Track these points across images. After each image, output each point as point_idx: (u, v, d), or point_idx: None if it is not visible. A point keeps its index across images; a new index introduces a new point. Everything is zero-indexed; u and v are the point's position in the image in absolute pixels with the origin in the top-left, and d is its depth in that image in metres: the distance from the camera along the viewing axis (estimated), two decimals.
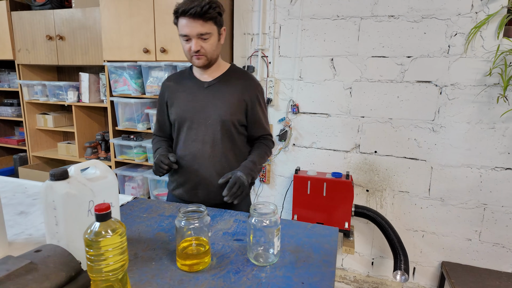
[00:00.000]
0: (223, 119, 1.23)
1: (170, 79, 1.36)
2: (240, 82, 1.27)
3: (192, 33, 1.13)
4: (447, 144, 1.96)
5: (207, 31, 1.13)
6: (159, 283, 0.74)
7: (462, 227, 2.01)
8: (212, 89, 1.26)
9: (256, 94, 1.29)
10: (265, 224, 0.80)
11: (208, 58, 1.20)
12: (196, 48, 1.15)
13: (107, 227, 0.57)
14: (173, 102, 1.31)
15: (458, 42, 1.85)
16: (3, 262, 0.63)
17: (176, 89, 1.31)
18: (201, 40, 1.15)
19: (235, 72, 1.31)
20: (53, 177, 0.73)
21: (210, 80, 1.27)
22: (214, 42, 1.18)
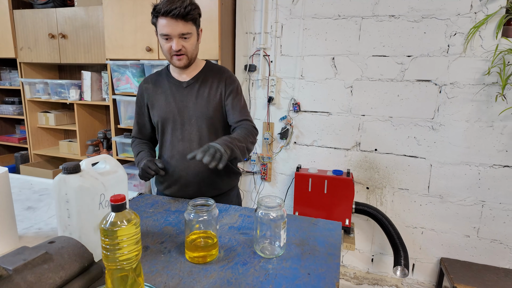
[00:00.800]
0: (206, 116, 1.26)
1: (147, 81, 1.35)
2: (216, 78, 1.29)
3: (173, 33, 1.14)
4: (446, 142, 1.99)
5: (188, 31, 1.16)
6: (169, 274, 0.76)
7: (460, 224, 2.04)
8: (191, 88, 1.28)
9: (230, 85, 1.30)
10: (271, 217, 0.82)
11: (189, 57, 1.21)
12: (177, 48, 1.16)
13: (123, 218, 0.59)
14: (153, 104, 1.31)
15: (458, 41, 1.87)
16: (20, 252, 0.65)
17: (155, 91, 1.31)
18: (182, 39, 1.17)
19: (211, 69, 1.32)
20: (66, 171, 0.75)
21: (189, 79, 1.29)
22: (194, 42, 1.21)
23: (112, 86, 2.36)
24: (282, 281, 0.75)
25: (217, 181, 1.32)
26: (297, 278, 0.76)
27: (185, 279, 0.74)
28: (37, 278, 0.61)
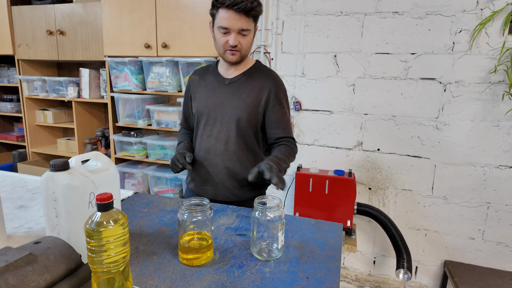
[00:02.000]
0: (239, 117, 1.19)
1: (196, 73, 1.34)
2: (260, 80, 1.22)
3: (233, 27, 1.08)
4: (451, 142, 1.94)
5: (248, 27, 1.10)
6: (161, 277, 0.72)
7: (465, 226, 1.99)
8: (232, 86, 1.23)
9: (276, 92, 1.21)
10: (269, 218, 0.78)
11: (242, 54, 1.16)
12: (234, 43, 1.11)
13: (109, 217, 0.55)
14: (195, 96, 1.29)
15: (463, 39, 1.83)
16: (2, 253, 0.62)
17: (199, 84, 1.29)
18: (240, 35, 1.11)
19: (258, 69, 1.25)
20: (53, 168, 0.72)
21: (232, 77, 1.24)
22: (250, 40, 1.16)
23: (110, 83, 2.33)
24: (279, 285, 0.71)
25: (237, 187, 1.25)
26: (295, 282, 0.72)
27: (178, 282, 0.70)
28: (19, 280, 0.58)
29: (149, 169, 2.35)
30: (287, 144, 1.23)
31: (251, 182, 1.23)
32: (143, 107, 2.32)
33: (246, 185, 1.26)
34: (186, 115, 1.39)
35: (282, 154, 1.16)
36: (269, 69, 1.28)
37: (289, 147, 1.22)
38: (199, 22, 2.00)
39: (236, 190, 1.25)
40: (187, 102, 1.36)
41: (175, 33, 2.07)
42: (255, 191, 1.29)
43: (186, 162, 1.18)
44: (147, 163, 2.48)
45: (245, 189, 1.26)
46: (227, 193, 1.25)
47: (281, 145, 1.23)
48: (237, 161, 1.22)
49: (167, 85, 2.15)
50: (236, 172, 1.23)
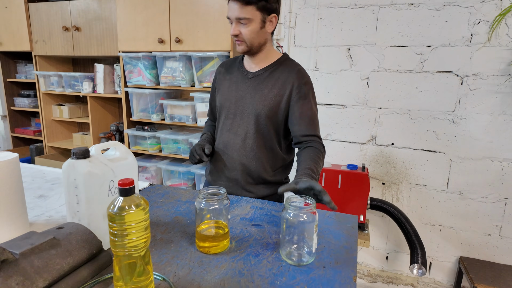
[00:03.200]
0: (258, 113, 1.16)
1: (222, 65, 1.33)
2: (284, 75, 1.17)
3: (232, 16, 1.10)
4: (467, 136, 1.90)
5: (245, 16, 1.08)
6: (179, 264, 0.73)
7: (481, 222, 1.95)
8: (255, 80, 1.20)
9: (299, 86, 1.15)
10: (302, 219, 0.73)
11: (248, 45, 1.13)
12: (233, 32, 1.11)
13: (131, 202, 0.56)
14: (219, 89, 1.29)
15: (482, 30, 1.78)
16: (27, 237, 0.64)
17: (224, 76, 1.29)
18: (240, 24, 1.11)
19: (283, 63, 1.20)
20: (75, 156, 0.73)
21: (256, 70, 1.21)
22: (255, 29, 1.11)
23: (125, 78, 2.36)
24: (296, 274, 0.71)
25: (251, 184, 1.24)
26: (311, 271, 0.72)
27: (195, 269, 0.71)
28: (44, 263, 0.60)
29: (162, 163, 2.38)
30: (315, 147, 1.13)
31: (266, 181, 1.24)
32: (157, 102, 2.34)
33: (261, 183, 1.24)
34: (212, 107, 1.38)
35: (313, 163, 1.05)
36: (295, 63, 1.22)
37: (318, 151, 1.12)
38: (212, 17, 2.01)
39: (250, 187, 1.24)
40: (213, 94, 1.35)
41: (188, 27, 2.08)
42: (270, 189, 1.27)
43: (203, 154, 1.18)
44: (161, 157, 2.51)
45: (260, 186, 1.24)
46: (241, 189, 1.24)
47: (308, 149, 1.12)
48: (254, 158, 1.20)
49: (180, 79, 2.16)
50: (251, 169, 1.21)
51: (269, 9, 1.11)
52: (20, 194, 0.82)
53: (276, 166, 1.26)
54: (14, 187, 0.80)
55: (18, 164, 0.81)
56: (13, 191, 0.79)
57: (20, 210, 0.82)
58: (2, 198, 0.77)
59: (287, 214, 0.75)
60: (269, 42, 1.20)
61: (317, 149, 1.12)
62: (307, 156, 1.09)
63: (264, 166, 1.21)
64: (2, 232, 0.78)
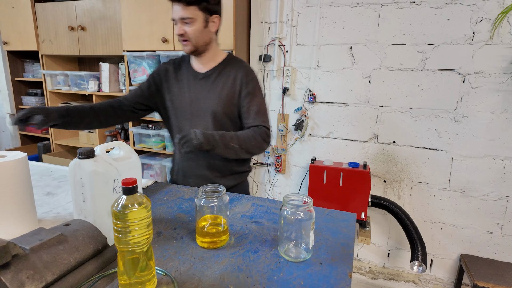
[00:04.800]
0: (215, 111, 1.23)
1: (169, 63, 1.35)
2: (232, 73, 1.25)
3: (175, 16, 1.15)
4: (469, 134, 1.90)
5: (188, 15, 1.13)
6: (181, 259, 0.76)
7: (483, 220, 1.96)
8: (207, 80, 1.26)
9: (247, 83, 1.24)
10: (299, 217, 0.76)
11: (193, 44, 1.19)
12: (178, 32, 1.17)
13: (134, 201, 0.59)
14: (169, 89, 1.31)
15: (484, 28, 1.78)
16: (36, 233, 0.67)
17: (173, 76, 1.31)
18: (184, 24, 1.16)
19: (230, 62, 1.28)
20: (80, 155, 0.77)
21: (205, 71, 1.27)
22: (199, 28, 1.17)
23: (129, 77, 2.39)
24: (293, 270, 0.73)
25: (219, 177, 1.31)
26: (308, 267, 0.75)
27: (196, 264, 0.74)
28: (53, 258, 0.63)
29: (166, 160, 2.41)
30: (253, 130, 1.20)
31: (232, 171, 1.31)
32: None
33: (228, 175, 1.32)
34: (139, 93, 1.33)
35: (237, 134, 1.16)
36: (241, 61, 1.30)
37: (252, 131, 1.20)
38: None
39: (219, 180, 1.30)
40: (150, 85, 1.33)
41: None
42: (237, 179, 1.35)
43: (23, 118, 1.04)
44: (165, 154, 2.54)
45: (228, 178, 1.32)
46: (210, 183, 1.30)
47: (248, 129, 1.22)
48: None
49: None
50: (217, 164, 1.28)
51: (211, 10, 1.18)
52: (29, 192, 0.85)
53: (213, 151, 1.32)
54: (23, 186, 0.83)
55: (27, 163, 0.85)
56: (23, 190, 0.83)
57: (29, 208, 0.86)
58: (12, 196, 0.80)
59: (285, 212, 0.77)
60: (214, 42, 1.26)
61: (254, 131, 1.20)
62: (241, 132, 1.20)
63: (228, 159, 1.26)
64: (13, 229, 0.82)
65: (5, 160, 0.79)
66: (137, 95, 1.35)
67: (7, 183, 0.79)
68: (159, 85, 1.34)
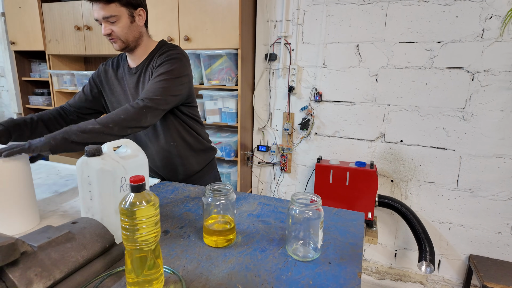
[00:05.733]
0: None
1: (108, 64, 1.33)
2: (156, 61, 1.18)
3: (98, 17, 1.10)
4: (478, 133, 1.88)
5: (111, 13, 1.08)
6: (188, 258, 0.76)
7: (492, 220, 1.93)
8: (139, 74, 1.23)
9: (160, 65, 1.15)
10: (307, 215, 0.75)
11: (123, 41, 1.14)
12: (105, 32, 1.11)
13: (142, 198, 0.59)
14: (112, 90, 1.30)
15: (494, 25, 1.75)
16: (44, 231, 0.67)
17: (114, 76, 1.30)
18: (109, 23, 1.11)
19: (158, 51, 1.21)
20: (88, 153, 0.76)
21: (137, 65, 1.24)
22: (125, 25, 1.12)
23: None
24: (302, 269, 0.73)
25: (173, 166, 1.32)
26: (317, 266, 0.74)
27: (204, 263, 0.73)
28: (61, 255, 0.63)
29: None
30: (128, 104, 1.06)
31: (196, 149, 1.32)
32: None
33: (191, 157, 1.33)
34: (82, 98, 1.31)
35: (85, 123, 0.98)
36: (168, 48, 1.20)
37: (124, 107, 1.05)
38: (220, 14, 2.02)
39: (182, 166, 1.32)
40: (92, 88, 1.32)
41: (197, 26, 2.10)
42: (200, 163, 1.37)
43: None
44: None
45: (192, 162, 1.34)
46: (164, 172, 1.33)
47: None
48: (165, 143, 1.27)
49: None
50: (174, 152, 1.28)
51: (134, 4, 1.12)
52: (30, 190, 0.86)
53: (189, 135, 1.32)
54: (25, 183, 0.83)
55: (27, 160, 0.85)
56: (24, 187, 0.83)
57: (31, 205, 0.86)
58: (14, 194, 0.81)
59: (293, 211, 0.76)
60: (145, 35, 1.21)
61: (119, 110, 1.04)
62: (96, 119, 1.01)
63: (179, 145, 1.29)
64: (14, 225, 0.82)
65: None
66: (81, 100, 1.33)
67: (8, 180, 0.80)
68: (100, 86, 1.32)
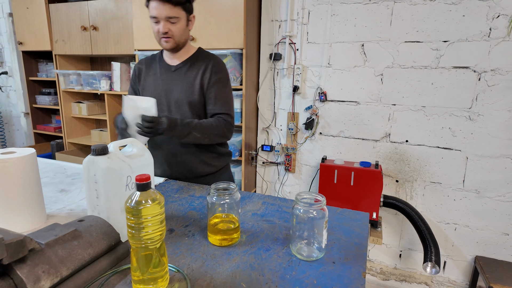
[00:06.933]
0: (190, 101, 1.29)
1: (141, 62, 1.41)
2: (203, 65, 1.31)
3: (161, 15, 1.18)
4: (484, 133, 1.86)
5: (175, 15, 1.19)
6: (193, 256, 0.76)
7: (498, 221, 1.91)
8: (179, 72, 1.32)
9: (216, 72, 1.30)
10: (312, 215, 0.75)
11: (176, 41, 1.24)
12: (164, 30, 1.20)
13: (147, 197, 0.59)
14: (144, 85, 1.37)
15: (501, 24, 1.73)
16: (51, 229, 0.68)
17: (146, 73, 1.37)
18: (169, 23, 1.20)
19: (201, 55, 1.34)
20: (94, 152, 0.77)
21: (178, 63, 1.32)
22: (182, 27, 1.23)
23: None
24: (306, 269, 0.73)
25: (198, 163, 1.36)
26: (321, 266, 0.74)
27: (208, 261, 0.74)
28: (67, 253, 0.64)
29: None
30: (217, 119, 1.28)
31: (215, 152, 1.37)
32: None
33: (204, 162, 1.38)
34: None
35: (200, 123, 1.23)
36: (211, 54, 1.36)
37: (217, 120, 1.28)
38: (225, 14, 2.03)
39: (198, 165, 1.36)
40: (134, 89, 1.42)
41: (202, 25, 2.11)
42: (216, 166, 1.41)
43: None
44: None
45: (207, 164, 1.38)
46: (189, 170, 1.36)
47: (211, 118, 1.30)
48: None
49: None
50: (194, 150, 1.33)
51: (190, 10, 1.26)
52: (37, 188, 0.87)
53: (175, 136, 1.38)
54: (32, 181, 0.84)
55: (35, 159, 0.86)
56: (32, 185, 0.84)
57: (38, 203, 0.87)
58: (21, 191, 0.82)
59: (297, 210, 0.76)
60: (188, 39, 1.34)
61: (217, 120, 1.28)
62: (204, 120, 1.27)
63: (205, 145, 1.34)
64: (22, 223, 0.83)
65: (14, 156, 0.80)
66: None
67: (16, 178, 0.81)
68: (137, 84, 1.41)
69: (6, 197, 0.80)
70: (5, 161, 0.79)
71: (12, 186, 0.81)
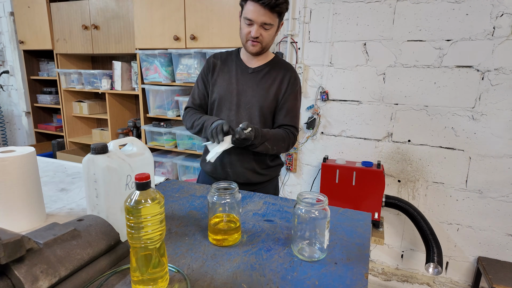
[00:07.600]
0: (262, 105, 1.27)
1: (216, 57, 1.37)
2: (282, 72, 1.30)
3: (257, 20, 1.15)
4: (488, 133, 1.84)
5: (270, 22, 1.16)
6: (193, 256, 0.75)
7: (502, 222, 1.90)
8: (256, 75, 1.29)
9: (294, 84, 1.30)
10: (314, 215, 0.74)
11: (263, 46, 1.22)
12: (255, 34, 1.17)
13: (147, 196, 0.59)
14: (216, 81, 1.33)
15: (505, 23, 1.71)
16: (50, 228, 0.67)
17: (221, 69, 1.34)
18: (262, 28, 1.18)
19: (279, 62, 1.33)
20: (94, 151, 0.76)
21: (256, 66, 1.30)
22: (272, 33, 1.22)
23: (141, 75, 2.40)
24: (307, 269, 0.72)
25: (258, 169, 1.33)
26: (323, 266, 0.73)
27: (209, 262, 0.73)
28: (66, 252, 0.63)
29: (178, 158, 2.42)
30: (287, 131, 1.29)
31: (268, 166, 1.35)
32: (172, 99, 2.38)
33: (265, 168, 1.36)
34: (200, 95, 1.38)
35: (275, 133, 1.24)
36: (288, 64, 1.36)
37: (287, 133, 1.28)
38: (227, 13, 2.02)
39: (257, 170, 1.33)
40: (205, 84, 1.37)
41: (203, 24, 2.10)
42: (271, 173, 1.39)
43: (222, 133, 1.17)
44: (176, 152, 2.55)
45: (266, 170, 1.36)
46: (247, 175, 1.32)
47: (283, 130, 1.29)
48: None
49: (195, 76, 2.19)
50: (254, 155, 1.30)
51: (283, 17, 1.23)
52: (37, 187, 0.86)
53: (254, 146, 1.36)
54: (32, 180, 0.84)
55: (35, 158, 0.85)
56: (31, 184, 0.84)
57: (38, 202, 0.87)
58: (21, 190, 0.81)
59: (299, 210, 0.75)
60: None
61: (287, 133, 1.29)
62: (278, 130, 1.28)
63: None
64: (21, 222, 0.83)
65: (13, 155, 0.79)
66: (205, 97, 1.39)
67: (15, 177, 0.80)
68: (210, 76, 1.36)
69: (5, 196, 0.80)
70: (4, 159, 0.78)
71: (11, 185, 0.80)
